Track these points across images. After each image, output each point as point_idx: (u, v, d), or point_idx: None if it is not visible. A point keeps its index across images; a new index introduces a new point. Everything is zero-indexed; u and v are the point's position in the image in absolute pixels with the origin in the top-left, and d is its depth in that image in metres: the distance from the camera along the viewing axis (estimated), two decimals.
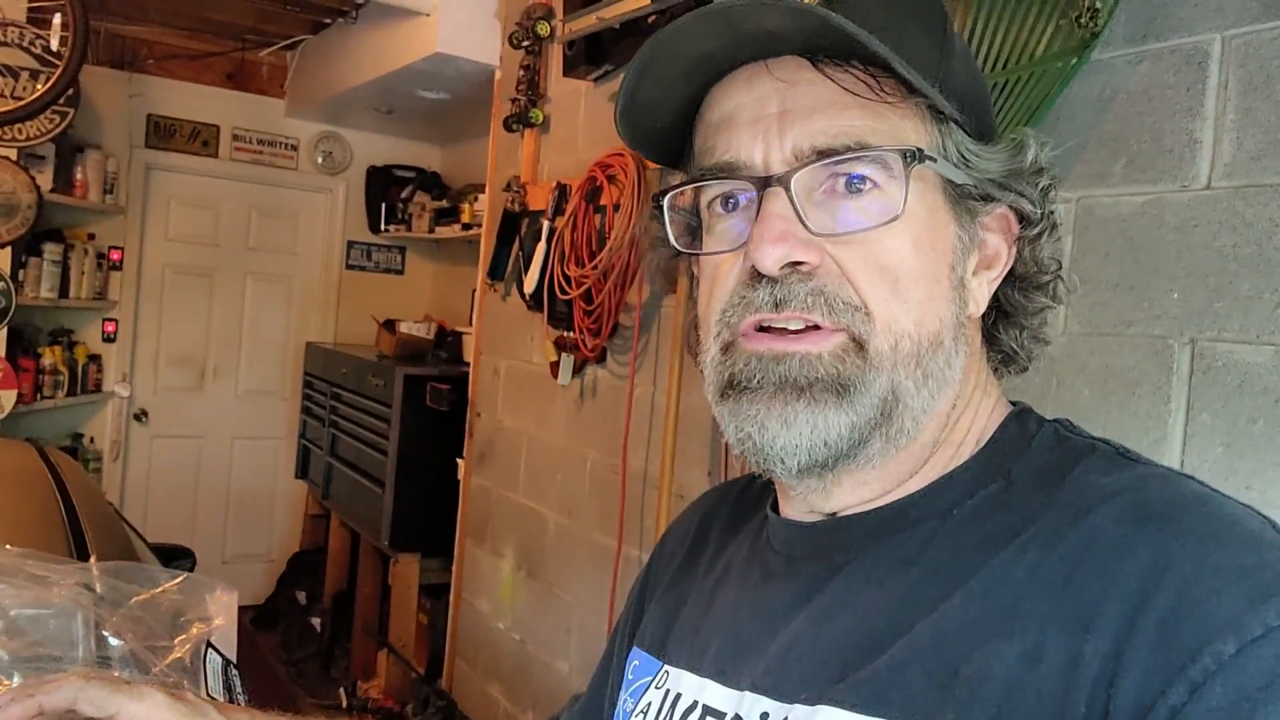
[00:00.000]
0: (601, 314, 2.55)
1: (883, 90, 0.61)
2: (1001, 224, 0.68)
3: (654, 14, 2.29)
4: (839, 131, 0.61)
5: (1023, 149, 0.66)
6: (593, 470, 2.70)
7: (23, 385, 3.88)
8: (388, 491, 3.69)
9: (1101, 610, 0.52)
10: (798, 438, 0.61)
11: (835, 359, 0.61)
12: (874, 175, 0.61)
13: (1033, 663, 0.53)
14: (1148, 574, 0.52)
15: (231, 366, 5.06)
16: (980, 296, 0.67)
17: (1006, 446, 0.66)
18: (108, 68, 4.49)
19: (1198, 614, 0.49)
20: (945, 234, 0.64)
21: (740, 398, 0.62)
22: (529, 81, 2.99)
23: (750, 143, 0.63)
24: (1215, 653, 0.48)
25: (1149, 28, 1.40)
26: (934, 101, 0.61)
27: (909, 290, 0.62)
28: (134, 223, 4.67)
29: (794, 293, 0.60)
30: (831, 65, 0.61)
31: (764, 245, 0.60)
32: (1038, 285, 0.69)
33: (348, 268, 5.22)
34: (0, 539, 0.89)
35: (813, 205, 0.61)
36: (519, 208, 3.02)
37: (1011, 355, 0.72)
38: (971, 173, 0.64)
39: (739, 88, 0.64)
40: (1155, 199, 1.39)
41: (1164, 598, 0.51)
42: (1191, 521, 0.54)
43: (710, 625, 0.73)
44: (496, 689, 3.15)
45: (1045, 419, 0.68)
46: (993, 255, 0.68)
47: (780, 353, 0.61)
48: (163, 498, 4.84)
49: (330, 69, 4.31)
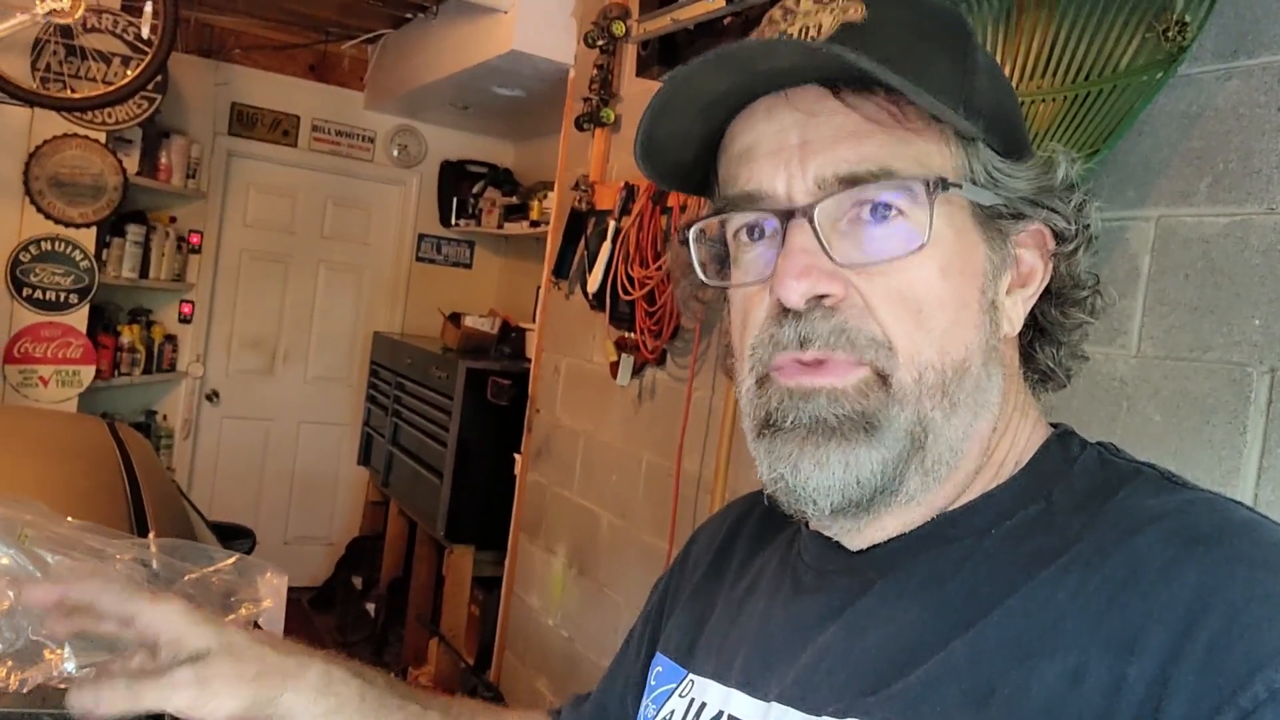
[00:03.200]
0: (663, 316, 2.54)
1: (905, 117, 0.60)
2: (1037, 240, 0.66)
3: (729, 15, 2.27)
4: (862, 158, 0.60)
5: (1053, 166, 0.65)
6: (648, 472, 2.70)
7: (101, 362, 4.01)
8: (445, 482, 3.73)
9: (1147, 632, 0.51)
10: (830, 478, 0.60)
11: (859, 394, 0.60)
12: (899, 203, 0.60)
13: (1074, 683, 0.51)
14: (1196, 598, 0.51)
15: (301, 352, 5.16)
16: (1015, 316, 0.66)
17: (1048, 468, 0.64)
18: (196, 56, 4.61)
19: (1249, 640, 0.48)
20: (975, 256, 0.63)
21: (775, 437, 0.62)
22: (602, 81, 2.99)
23: (772, 174, 0.62)
24: (1267, 680, 0.47)
25: (1240, 44, 1.35)
26: (957, 126, 0.60)
27: (932, 319, 0.61)
28: (214, 208, 4.80)
29: (817, 331, 0.60)
30: (852, 94, 0.60)
31: (788, 280, 0.60)
32: (1075, 301, 0.68)
33: (417, 260, 5.29)
34: (64, 511, 0.91)
35: (837, 235, 0.61)
36: (586, 207, 3.03)
37: (1049, 373, 0.70)
38: (1001, 191, 0.63)
39: (759, 119, 0.63)
40: (1241, 220, 1.34)
41: (1213, 622, 0.49)
42: (1241, 546, 0.53)
43: (738, 635, 0.72)
44: (543, 684, 3.16)
45: (1088, 441, 0.66)
46: (1028, 272, 0.66)
47: (808, 389, 0.61)
48: (230, 477, 4.96)
49: (409, 63, 4.38)
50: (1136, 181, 1.45)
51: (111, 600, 0.69)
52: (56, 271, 3.73)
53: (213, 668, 0.67)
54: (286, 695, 0.70)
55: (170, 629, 0.68)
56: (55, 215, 3.71)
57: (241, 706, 0.68)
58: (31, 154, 3.64)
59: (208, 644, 0.68)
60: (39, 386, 3.73)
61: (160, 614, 0.69)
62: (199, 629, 0.69)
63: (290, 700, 0.70)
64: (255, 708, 0.69)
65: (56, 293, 3.74)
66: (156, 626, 0.68)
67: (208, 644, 0.68)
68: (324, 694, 0.72)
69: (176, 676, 0.66)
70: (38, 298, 3.71)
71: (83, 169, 3.73)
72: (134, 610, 0.69)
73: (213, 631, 0.69)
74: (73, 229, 3.75)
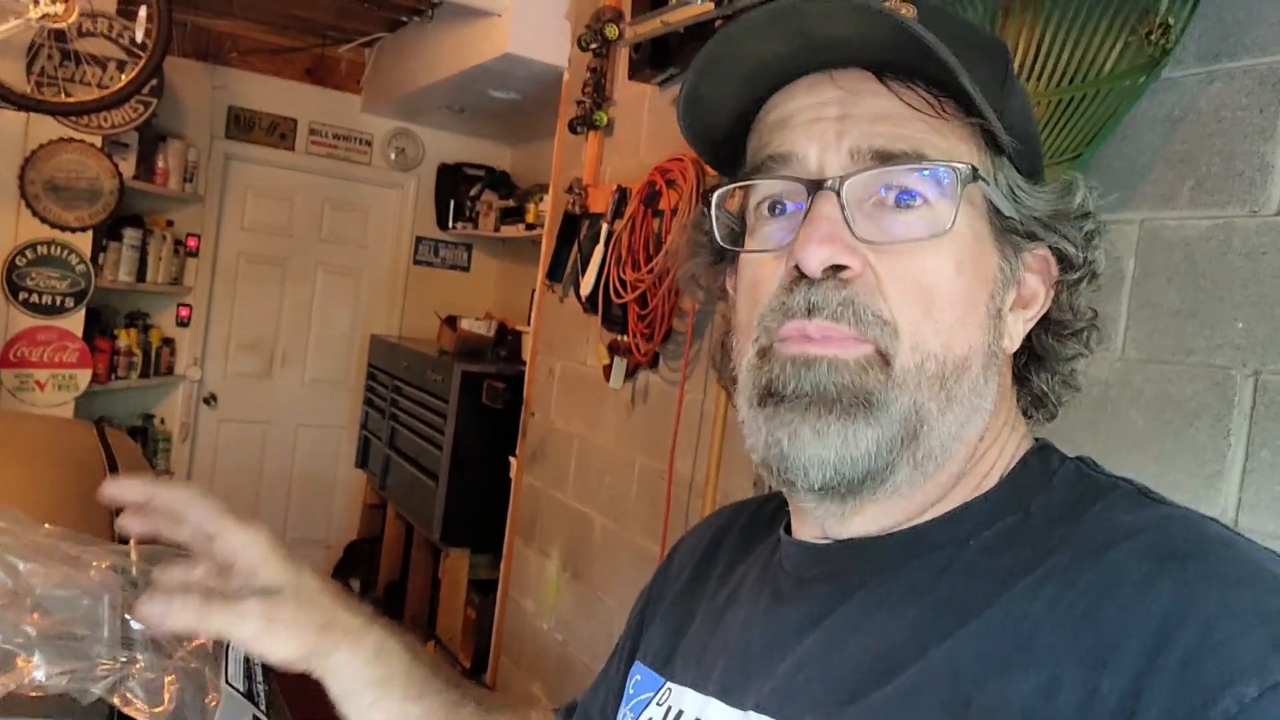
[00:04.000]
0: (655, 319, 2.54)
1: (944, 110, 0.61)
2: (1041, 265, 0.67)
3: (719, 18, 2.27)
4: (898, 138, 0.60)
5: (1071, 191, 0.65)
6: (640, 475, 2.70)
7: (98, 365, 4.01)
8: (441, 486, 3.74)
9: (1121, 646, 0.51)
10: (826, 449, 0.60)
11: (860, 368, 0.60)
12: (926, 192, 0.61)
13: (1049, 697, 0.52)
14: (1170, 612, 0.51)
15: (299, 355, 5.17)
16: (1015, 333, 0.66)
17: (1027, 480, 0.65)
18: (193, 60, 4.62)
19: (1221, 655, 0.48)
20: (988, 262, 0.63)
21: (778, 406, 0.62)
22: (595, 84, 3.00)
23: (806, 141, 0.62)
24: (1237, 695, 0.47)
25: (1222, 46, 1.35)
26: (992, 128, 0.61)
27: (943, 312, 0.61)
28: (211, 211, 4.80)
29: (826, 299, 0.60)
30: (896, 80, 0.61)
31: (810, 245, 0.59)
32: (1072, 332, 0.69)
33: (415, 263, 5.30)
34: (44, 517, 0.91)
35: (861, 214, 0.61)
36: (580, 209, 3.03)
37: (1041, 399, 0.71)
38: (1019, 208, 0.64)
39: (800, 92, 0.64)
40: (1223, 223, 1.34)
41: (1186, 637, 0.50)
42: (1215, 563, 0.53)
43: (718, 644, 0.72)
44: (538, 687, 3.16)
45: (1067, 456, 0.66)
46: (1030, 296, 0.67)
47: (811, 357, 0.61)
48: (228, 480, 4.96)
49: (405, 66, 4.38)
50: (1120, 185, 1.45)
51: (201, 512, 0.71)
52: (53, 275, 3.74)
53: (282, 609, 0.69)
54: (341, 654, 0.72)
55: (250, 556, 0.70)
56: (51, 219, 3.71)
57: (298, 653, 0.70)
58: (27, 158, 3.65)
59: (282, 581, 0.70)
60: (35, 391, 3.73)
61: (243, 539, 0.70)
62: (276, 564, 0.71)
63: (343, 659, 0.72)
64: (310, 656, 0.71)
65: (53, 296, 3.74)
66: (236, 550, 0.70)
67: (282, 581, 0.70)
68: (375, 662, 0.74)
69: (246, 607, 0.68)
70: (34, 302, 3.71)
71: (79, 173, 3.73)
72: (219, 528, 0.70)
73: (290, 568, 0.71)
74: (69, 233, 3.75)
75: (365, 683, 0.73)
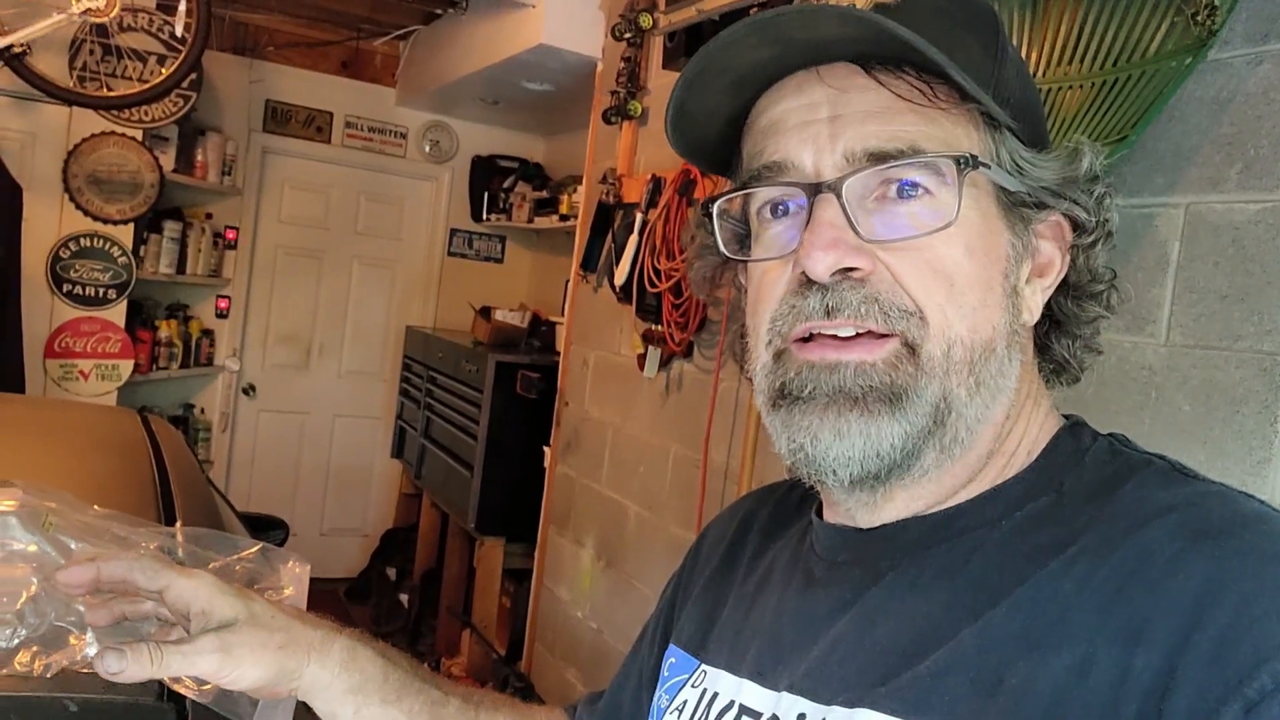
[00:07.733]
0: (689, 308, 2.54)
1: (936, 97, 0.60)
2: (1055, 231, 0.66)
3: (755, 5, 2.26)
4: (891, 135, 0.60)
5: (1078, 156, 0.65)
6: (675, 464, 2.70)
7: (140, 356, 4.08)
8: (476, 475, 3.76)
9: (1154, 624, 0.51)
10: (850, 449, 0.60)
11: (889, 366, 0.60)
12: (926, 182, 0.60)
13: (1081, 675, 0.51)
14: (1204, 589, 0.51)
15: (336, 346, 5.22)
16: (1033, 305, 0.66)
17: (1059, 459, 0.64)
18: (230, 54, 4.67)
19: (1256, 632, 0.48)
20: (999, 241, 0.63)
21: (793, 408, 0.62)
22: (629, 74, 2.99)
23: (799, 146, 0.62)
24: (1273, 671, 0.47)
25: (1271, 27, 1.32)
26: (987, 108, 0.60)
27: (964, 295, 0.61)
28: (249, 204, 4.86)
29: (846, 300, 0.60)
30: (884, 72, 0.60)
31: (815, 252, 0.59)
32: (1091, 294, 0.68)
33: (449, 254, 5.33)
34: (92, 500, 0.93)
35: (864, 212, 0.61)
36: (613, 200, 3.03)
37: (1063, 365, 0.70)
38: (1025, 180, 0.63)
39: (788, 93, 0.63)
40: (1272, 207, 1.31)
41: (1221, 614, 0.49)
42: (1250, 539, 0.53)
43: (751, 628, 0.73)
44: (573, 674, 3.18)
45: (1099, 433, 0.66)
46: (1046, 263, 0.66)
47: (833, 362, 0.61)
48: (266, 469, 5.03)
49: (440, 59, 4.40)
50: (1165, 168, 1.43)
51: (142, 575, 0.70)
52: (95, 267, 3.80)
53: (238, 636, 0.68)
54: (311, 668, 0.71)
55: (199, 600, 0.69)
56: (93, 212, 3.77)
57: (266, 675, 0.69)
58: (70, 152, 3.71)
59: (235, 614, 0.69)
60: (79, 380, 3.80)
61: (189, 585, 0.70)
62: (227, 599, 0.70)
63: (314, 673, 0.71)
64: (279, 678, 0.70)
65: (95, 288, 3.81)
66: (186, 598, 0.70)
67: (235, 614, 0.69)
68: (348, 670, 0.73)
69: (201, 643, 0.67)
70: (77, 293, 3.78)
71: (120, 166, 3.79)
72: (164, 583, 0.70)
73: (241, 602, 0.70)
74: (111, 225, 3.81)
75: (342, 692, 0.72)
